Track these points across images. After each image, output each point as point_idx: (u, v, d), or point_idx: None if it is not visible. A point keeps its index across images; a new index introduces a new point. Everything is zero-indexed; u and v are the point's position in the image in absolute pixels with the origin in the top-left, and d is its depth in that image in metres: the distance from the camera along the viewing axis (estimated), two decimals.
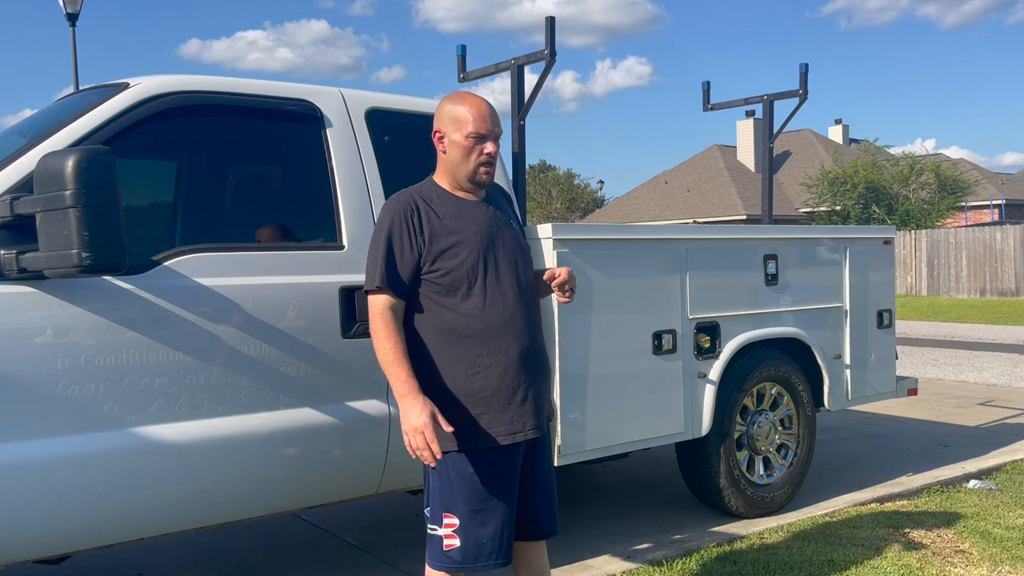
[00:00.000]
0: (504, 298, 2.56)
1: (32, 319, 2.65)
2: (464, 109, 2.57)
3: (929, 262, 23.25)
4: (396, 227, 2.53)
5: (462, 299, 2.53)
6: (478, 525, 2.53)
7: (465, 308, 2.53)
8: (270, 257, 3.16)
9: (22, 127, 3.37)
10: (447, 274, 2.52)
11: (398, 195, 2.62)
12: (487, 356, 2.53)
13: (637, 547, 4.12)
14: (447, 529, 2.55)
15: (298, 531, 4.50)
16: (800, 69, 5.90)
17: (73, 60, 13.22)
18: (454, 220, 2.56)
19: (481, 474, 2.53)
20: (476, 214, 2.61)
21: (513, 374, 2.56)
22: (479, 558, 2.53)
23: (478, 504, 2.53)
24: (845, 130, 41.97)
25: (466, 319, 2.52)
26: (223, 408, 2.98)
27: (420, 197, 2.59)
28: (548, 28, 4.26)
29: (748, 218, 32.23)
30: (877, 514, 4.54)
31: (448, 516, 2.55)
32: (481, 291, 2.53)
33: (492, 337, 2.53)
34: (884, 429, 6.77)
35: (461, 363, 2.53)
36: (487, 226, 2.60)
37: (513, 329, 2.56)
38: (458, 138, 2.56)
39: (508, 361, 2.55)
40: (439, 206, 2.58)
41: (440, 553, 2.56)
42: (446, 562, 2.55)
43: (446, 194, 2.62)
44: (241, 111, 3.29)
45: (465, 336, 2.53)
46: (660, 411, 4.05)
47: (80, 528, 2.79)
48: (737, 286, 4.38)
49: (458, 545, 2.53)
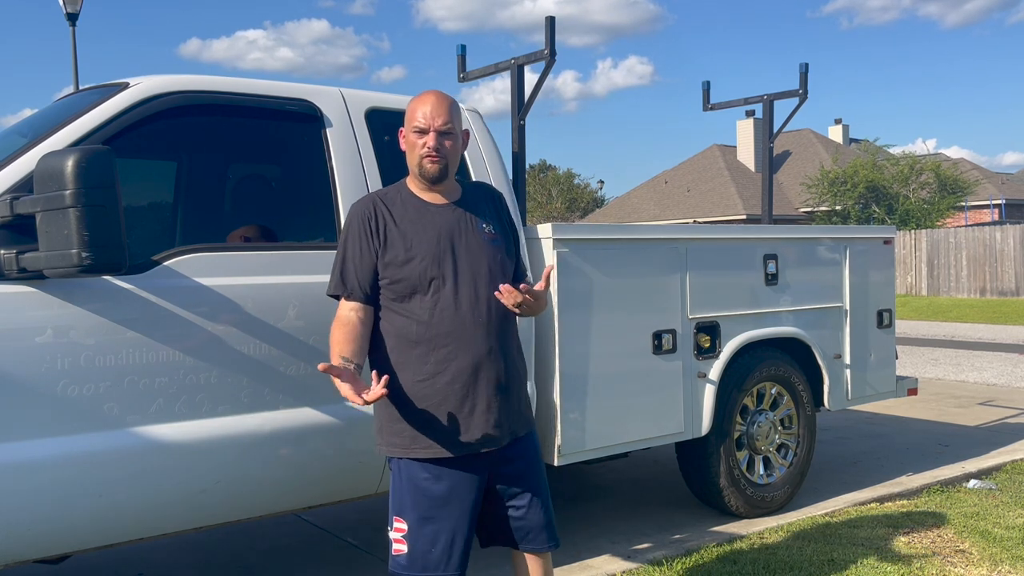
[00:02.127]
0: (458, 306, 2.50)
1: (32, 319, 2.65)
2: (413, 105, 2.59)
3: (929, 262, 23.25)
4: (353, 232, 2.55)
5: (415, 305, 2.50)
6: (426, 534, 2.50)
7: (416, 314, 2.50)
8: (270, 257, 3.16)
9: (22, 127, 3.37)
10: (399, 281, 2.50)
11: (361, 199, 2.63)
12: (434, 364, 2.49)
13: (637, 547, 4.12)
14: (396, 533, 2.54)
15: (298, 531, 4.50)
16: (800, 69, 5.90)
17: (73, 60, 13.23)
18: (411, 225, 2.54)
19: (431, 483, 2.51)
20: (437, 219, 2.57)
21: (462, 384, 2.50)
22: (426, 567, 2.50)
23: (427, 512, 2.51)
24: (845, 130, 41.96)
25: (415, 325, 2.50)
26: (223, 408, 2.97)
27: (381, 201, 2.59)
28: (548, 28, 4.26)
29: (748, 218, 32.22)
30: (877, 514, 4.54)
31: (398, 520, 2.54)
32: (433, 298, 2.49)
33: (440, 345, 2.49)
34: (884, 429, 6.77)
35: (409, 369, 2.50)
36: (447, 231, 2.55)
37: (464, 337, 2.50)
38: (406, 133, 2.60)
39: (457, 370, 2.49)
40: (398, 210, 2.57)
41: (391, 556, 2.56)
42: (394, 566, 2.55)
43: (411, 197, 2.60)
44: (241, 111, 3.28)
45: (414, 342, 2.50)
46: (660, 411, 4.05)
47: (80, 528, 2.79)
48: (737, 286, 4.38)
49: (405, 551, 2.52)
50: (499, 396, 2.54)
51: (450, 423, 2.50)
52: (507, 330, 2.60)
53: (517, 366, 2.64)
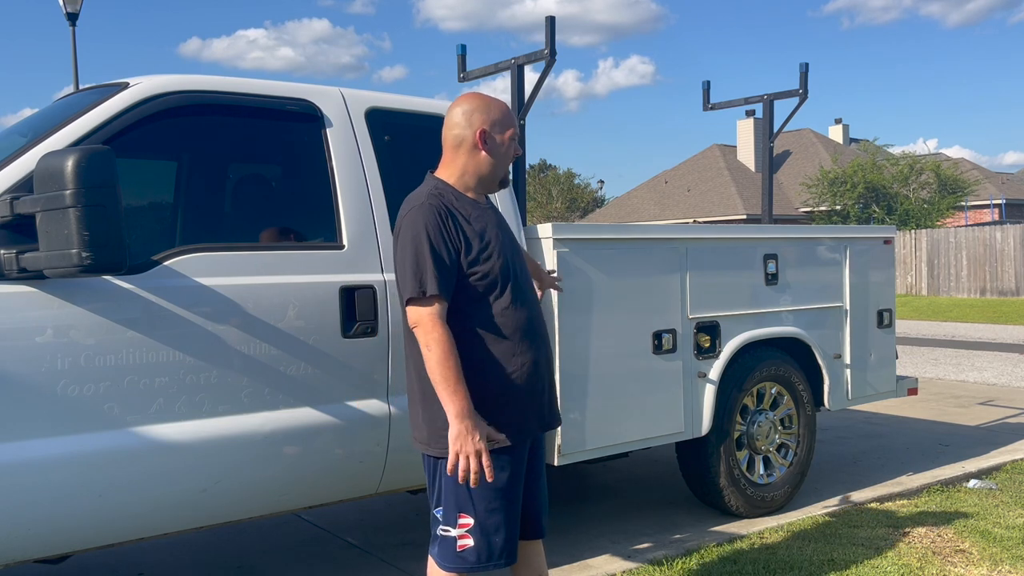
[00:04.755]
0: (529, 297, 2.61)
1: (32, 319, 2.65)
2: (502, 110, 2.59)
3: (929, 262, 23.24)
4: (434, 232, 2.45)
5: (496, 300, 2.53)
6: (493, 524, 2.53)
7: (500, 308, 2.53)
8: (270, 257, 3.16)
9: (22, 127, 3.37)
10: (485, 276, 2.51)
11: (426, 199, 2.51)
12: (520, 356, 2.55)
13: (637, 547, 4.12)
14: (461, 530, 2.53)
15: (298, 531, 4.50)
16: (800, 68, 5.90)
17: (73, 60, 13.23)
18: (479, 222, 2.56)
19: (498, 473, 2.52)
20: (491, 216, 2.62)
21: (539, 374, 2.60)
22: (491, 557, 2.54)
23: (494, 503, 2.53)
24: (845, 130, 41.97)
25: (502, 319, 2.53)
26: (223, 408, 2.97)
27: (446, 201, 2.53)
28: (548, 27, 4.26)
29: (748, 218, 32.23)
30: (877, 514, 4.54)
31: (463, 516, 2.54)
32: (512, 291, 2.55)
33: (524, 336, 2.56)
34: (884, 429, 6.77)
35: (498, 364, 2.52)
36: (503, 228, 2.64)
37: (540, 328, 2.62)
38: (504, 139, 2.58)
39: (537, 361, 2.59)
40: (463, 209, 2.55)
41: (453, 554, 2.54)
42: (459, 563, 2.54)
43: (463, 196, 2.60)
44: (241, 111, 3.28)
45: (503, 337, 2.53)
46: (660, 411, 4.05)
47: (80, 528, 2.79)
48: (737, 286, 4.38)
49: (472, 545, 2.53)
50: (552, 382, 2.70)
51: (529, 412, 2.58)
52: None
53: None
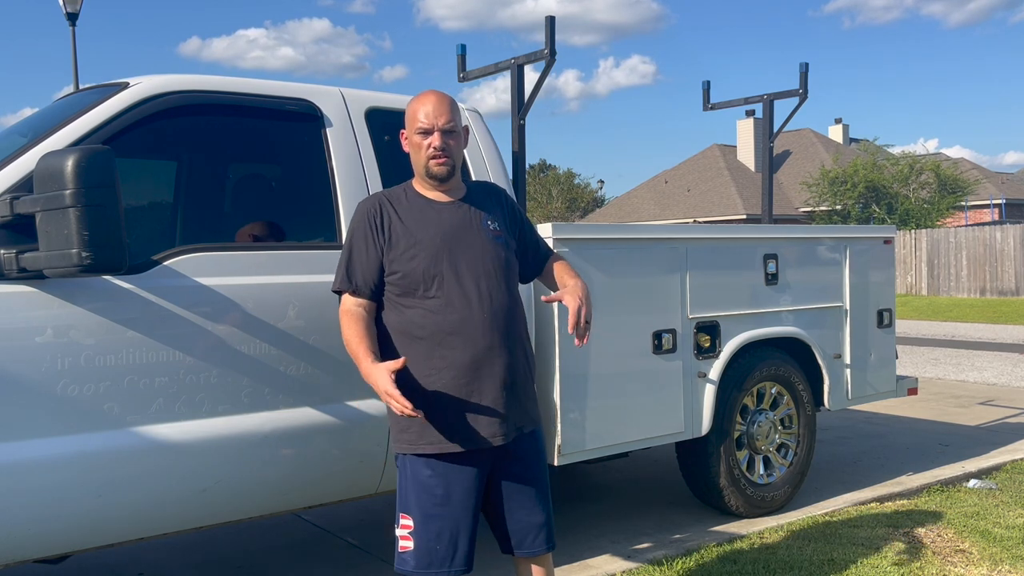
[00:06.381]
0: (464, 301, 2.52)
1: (32, 319, 2.64)
2: (414, 106, 2.61)
3: (929, 261, 23.24)
4: (359, 230, 2.59)
5: (419, 301, 2.53)
6: (432, 531, 2.52)
7: (420, 310, 2.53)
8: (270, 256, 3.16)
9: (22, 127, 3.37)
10: (404, 276, 2.54)
11: (367, 198, 2.68)
12: (439, 359, 2.51)
13: (637, 547, 4.12)
14: (403, 531, 2.56)
15: (298, 531, 4.50)
16: (800, 68, 5.90)
17: (73, 60, 13.23)
18: (415, 221, 2.58)
19: (434, 479, 2.52)
20: (442, 215, 2.60)
21: (466, 379, 2.51)
22: (431, 564, 2.52)
23: (431, 509, 2.52)
24: (845, 129, 41.95)
25: (420, 321, 2.53)
26: (223, 408, 2.97)
27: (387, 199, 2.64)
28: (548, 27, 4.26)
29: (748, 218, 32.22)
30: (877, 513, 4.54)
31: (404, 517, 2.57)
32: (438, 294, 2.52)
33: (444, 340, 2.51)
34: (884, 429, 6.77)
35: (414, 364, 2.51)
36: (451, 228, 2.59)
37: (467, 333, 2.51)
38: (410, 134, 2.62)
39: (460, 365, 2.51)
40: (403, 208, 2.61)
41: (397, 555, 2.58)
42: (401, 564, 2.57)
43: (416, 195, 2.65)
44: (241, 110, 3.28)
45: (418, 338, 2.53)
46: (660, 411, 4.05)
47: (80, 528, 2.79)
48: (737, 286, 4.38)
49: (411, 548, 2.54)
50: (504, 392, 2.56)
51: (456, 418, 2.51)
52: (513, 326, 2.61)
53: (523, 362, 2.64)
